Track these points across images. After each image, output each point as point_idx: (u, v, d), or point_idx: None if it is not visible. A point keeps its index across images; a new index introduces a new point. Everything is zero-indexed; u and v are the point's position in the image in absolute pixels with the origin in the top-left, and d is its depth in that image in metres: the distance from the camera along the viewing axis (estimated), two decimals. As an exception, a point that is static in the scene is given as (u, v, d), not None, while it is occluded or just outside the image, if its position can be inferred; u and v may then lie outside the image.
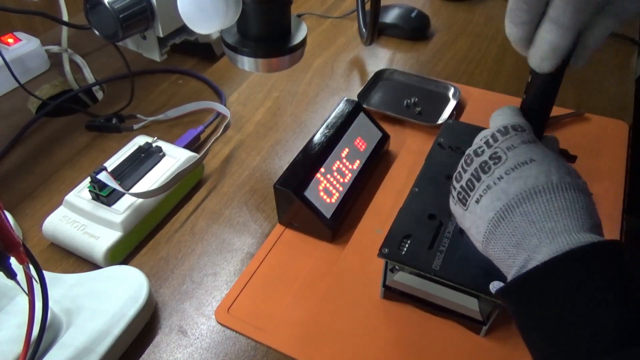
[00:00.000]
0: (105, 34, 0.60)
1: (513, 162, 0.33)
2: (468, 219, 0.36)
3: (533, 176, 0.32)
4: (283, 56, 0.47)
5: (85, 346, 0.40)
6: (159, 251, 0.51)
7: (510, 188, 0.33)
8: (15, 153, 0.64)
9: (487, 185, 0.34)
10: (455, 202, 0.37)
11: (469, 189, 0.35)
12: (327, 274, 0.48)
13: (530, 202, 0.32)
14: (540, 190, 0.32)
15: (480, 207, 0.34)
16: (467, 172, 0.36)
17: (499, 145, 0.35)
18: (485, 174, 0.34)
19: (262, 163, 0.61)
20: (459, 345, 0.43)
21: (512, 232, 0.32)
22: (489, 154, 0.35)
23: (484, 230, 0.34)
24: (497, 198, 0.33)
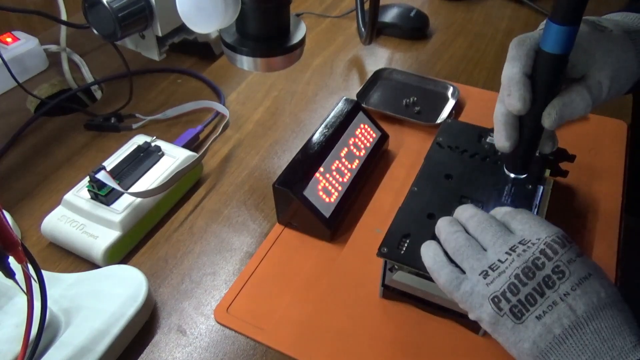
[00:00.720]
0: (104, 33, 0.60)
1: (577, 278, 0.34)
2: (520, 333, 0.34)
3: (596, 292, 0.33)
4: (282, 55, 0.47)
5: (84, 345, 0.40)
6: (158, 250, 0.51)
7: (579, 304, 0.33)
8: (14, 152, 0.64)
9: (552, 301, 0.33)
10: (503, 314, 0.34)
11: (528, 304, 0.34)
12: (326, 273, 0.48)
13: (599, 319, 0.32)
14: (604, 305, 0.33)
15: (542, 323, 0.33)
16: (529, 285, 0.34)
17: (560, 258, 0.34)
18: (550, 289, 0.34)
19: (261, 162, 0.61)
20: (458, 344, 0.43)
21: (581, 349, 0.32)
22: (551, 268, 0.34)
23: (544, 346, 0.33)
24: (565, 315, 0.33)
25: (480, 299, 0.36)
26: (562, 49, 0.35)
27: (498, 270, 0.35)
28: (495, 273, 0.35)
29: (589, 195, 0.54)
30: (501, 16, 0.88)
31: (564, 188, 0.55)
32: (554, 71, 0.36)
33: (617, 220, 0.52)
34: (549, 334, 0.33)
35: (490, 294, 0.35)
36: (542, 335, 0.33)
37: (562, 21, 0.34)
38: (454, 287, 0.37)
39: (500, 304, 0.35)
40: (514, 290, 0.34)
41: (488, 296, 0.35)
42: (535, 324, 0.33)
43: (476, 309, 0.36)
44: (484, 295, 0.35)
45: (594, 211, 0.52)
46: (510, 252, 0.36)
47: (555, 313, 0.33)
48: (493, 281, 0.35)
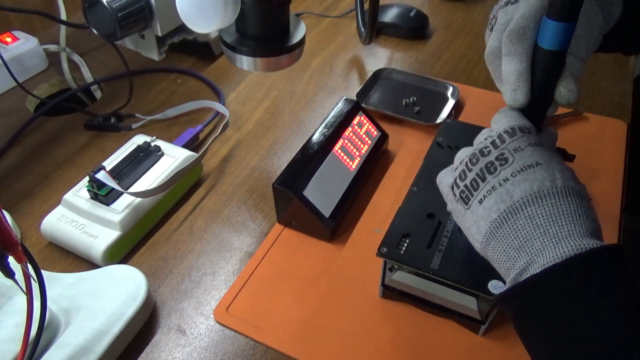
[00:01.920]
0: (104, 33, 0.60)
1: (519, 165, 0.33)
2: (469, 219, 0.35)
3: (539, 180, 0.33)
4: (282, 55, 0.47)
5: (84, 345, 0.40)
6: (158, 250, 0.51)
7: (516, 190, 0.33)
8: (14, 152, 0.64)
9: (492, 186, 0.34)
10: (457, 200, 0.36)
11: (472, 189, 0.35)
12: (326, 273, 0.48)
13: (536, 206, 0.32)
14: (545, 194, 0.32)
15: (483, 207, 0.34)
16: (472, 171, 0.35)
17: (506, 146, 0.34)
18: (491, 174, 0.34)
19: (260, 162, 0.61)
20: (458, 344, 0.43)
21: (514, 234, 0.32)
22: (495, 155, 0.34)
23: (485, 230, 0.34)
24: (502, 200, 0.33)
25: (447, 188, 0.38)
26: (559, 46, 0.34)
27: (462, 160, 0.37)
28: (460, 164, 0.37)
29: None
30: (501, 16, 0.87)
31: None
32: (553, 65, 0.36)
33: (617, 220, 0.52)
34: (488, 217, 0.33)
35: (452, 182, 0.37)
36: (483, 219, 0.34)
37: (558, 18, 0.33)
38: (439, 180, 0.40)
39: (454, 190, 0.37)
40: (462, 176, 0.36)
41: (450, 184, 0.38)
42: (478, 208, 0.34)
43: (447, 200, 0.39)
44: (449, 184, 0.38)
45: (593, 211, 0.52)
46: (474, 148, 0.37)
47: (493, 197, 0.33)
48: (456, 170, 0.37)
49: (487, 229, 0.34)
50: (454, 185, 0.37)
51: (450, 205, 0.38)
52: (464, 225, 0.36)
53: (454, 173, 0.37)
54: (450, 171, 0.39)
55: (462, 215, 0.36)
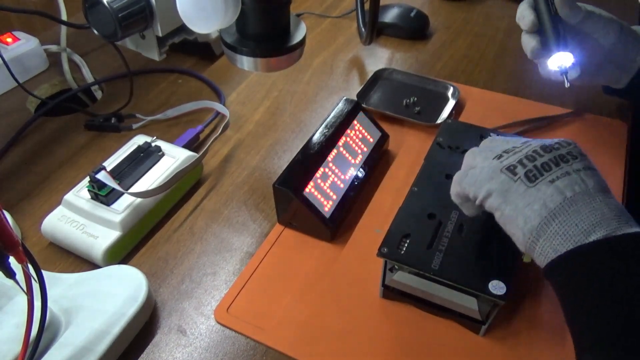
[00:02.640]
0: (104, 33, 0.60)
1: (586, 164, 0.37)
2: (531, 196, 0.36)
3: (600, 180, 0.37)
4: (282, 55, 0.47)
5: (84, 346, 0.40)
6: (158, 251, 0.51)
7: (589, 180, 0.36)
8: (14, 152, 0.64)
9: (566, 171, 0.36)
10: (517, 179, 0.37)
11: (544, 169, 0.37)
12: (326, 273, 0.48)
13: (606, 196, 0.36)
14: (606, 190, 0.36)
15: (555, 186, 0.36)
16: (545, 157, 0.37)
17: (573, 149, 0.38)
18: (565, 163, 0.37)
19: (261, 162, 0.61)
20: (458, 344, 0.43)
21: (590, 212, 0.35)
22: (566, 151, 0.38)
23: (553, 206, 0.35)
24: (576, 183, 0.36)
25: (490, 173, 0.38)
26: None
27: (513, 152, 0.39)
28: (509, 154, 0.39)
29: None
30: (501, 16, 0.88)
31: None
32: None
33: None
34: (560, 195, 0.35)
35: (505, 165, 0.38)
36: (553, 196, 0.35)
37: None
38: (462, 177, 0.41)
39: (516, 170, 0.37)
40: (530, 158, 0.38)
41: (501, 167, 0.38)
42: (547, 187, 0.36)
43: (485, 184, 0.38)
44: (496, 168, 0.38)
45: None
46: (528, 142, 0.40)
47: (567, 179, 0.36)
48: (507, 158, 0.39)
49: (558, 204, 0.35)
50: (516, 165, 0.38)
51: (497, 186, 0.38)
52: (519, 204, 0.37)
53: (507, 159, 0.38)
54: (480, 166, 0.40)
55: (519, 193, 0.37)
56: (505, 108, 0.65)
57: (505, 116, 0.63)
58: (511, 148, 0.39)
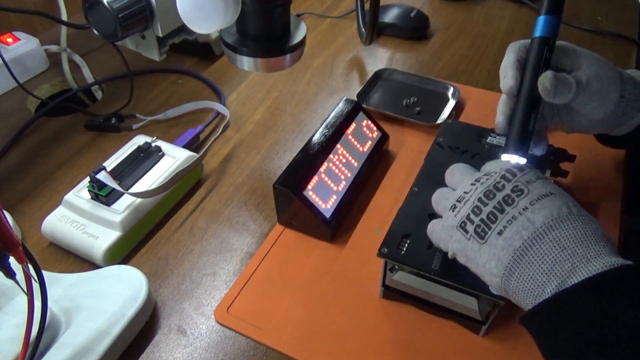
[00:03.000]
0: (104, 33, 0.60)
1: (536, 195, 0.35)
2: (485, 253, 0.35)
3: (557, 207, 0.34)
4: (282, 56, 0.47)
5: (85, 346, 0.40)
6: (158, 251, 0.51)
7: (537, 217, 0.33)
8: (14, 152, 0.64)
9: (512, 216, 0.34)
10: (469, 237, 0.36)
11: (490, 222, 0.35)
12: (327, 273, 0.48)
13: (559, 229, 0.33)
14: (565, 218, 0.33)
15: (503, 238, 0.34)
16: (489, 205, 0.35)
17: (518, 179, 0.36)
18: (509, 205, 0.35)
19: (261, 163, 0.61)
20: (459, 344, 0.43)
21: (541, 259, 0.33)
22: (510, 187, 0.35)
23: (507, 261, 0.34)
24: (524, 227, 0.33)
25: (450, 231, 0.37)
26: (547, 33, 0.43)
27: (464, 200, 0.37)
28: (461, 204, 0.37)
29: (589, 196, 0.54)
30: (501, 16, 0.88)
31: (564, 188, 0.54)
32: (541, 51, 0.43)
33: (618, 221, 0.52)
34: (510, 247, 0.34)
35: (458, 222, 0.37)
36: (504, 249, 0.34)
37: (545, 12, 0.43)
38: (430, 232, 0.40)
39: (467, 227, 0.36)
40: (476, 211, 0.36)
41: (456, 225, 0.37)
42: (497, 240, 0.34)
43: (449, 244, 0.38)
44: (453, 225, 0.37)
45: (594, 211, 0.52)
46: (475, 182, 0.38)
47: (514, 226, 0.34)
48: (460, 210, 0.37)
49: (510, 258, 0.34)
50: (466, 222, 0.36)
51: (457, 245, 0.37)
52: (479, 262, 0.35)
53: (459, 212, 0.37)
54: (442, 219, 0.39)
55: (475, 251, 0.36)
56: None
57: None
58: (462, 195, 0.38)
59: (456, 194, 0.39)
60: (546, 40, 0.43)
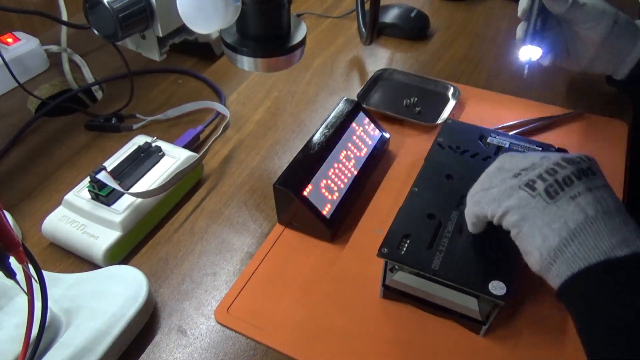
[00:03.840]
0: (105, 33, 0.60)
1: (605, 182, 0.36)
2: (551, 214, 0.35)
3: (616, 199, 0.36)
4: (282, 56, 0.47)
5: (85, 346, 0.40)
6: (159, 251, 0.51)
7: (608, 200, 0.35)
8: (15, 153, 0.64)
9: (587, 188, 0.35)
10: (536, 195, 0.36)
11: (565, 184, 0.35)
12: (327, 273, 0.48)
13: (625, 215, 0.35)
14: (621, 209, 0.35)
15: (576, 203, 0.34)
16: (567, 169, 0.36)
17: (593, 164, 0.37)
18: (587, 177, 0.36)
19: (261, 163, 0.61)
20: (459, 344, 0.43)
21: (612, 232, 0.33)
22: (587, 165, 0.36)
23: (573, 225, 0.34)
24: (598, 202, 0.34)
25: (509, 191, 0.37)
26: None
27: (532, 167, 0.37)
28: (528, 171, 0.37)
29: (589, 196, 0.54)
30: (502, 16, 0.88)
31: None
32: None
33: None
34: (581, 213, 0.34)
35: (523, 182, 0.37)
36: (574, 214, 0.34)
37: None
38: (480, 197, 0.40)
39: (535, 184, 0.36)
40: (551, 172, 0.36)
41: (520, 184, 0.37)
42: (568, 204, 0.35)
43: (503, 202, 0.37)
44: (515, 185, 0.37)
45: (594, 211, 0.52)
46: (545, 157, 0.38)
47: (590, 196, 0.34)
48: (527, 174, 0.37)
49: (578, 224, 0.34)
50: (536, 180, 0.36)
51: (514, 202, 0.37)
52: (537, 222, 0.35)
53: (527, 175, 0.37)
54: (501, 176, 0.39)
55: (539, 210, 0.35)
56: (506, 108, 0.65)
57: (506, 116, 0.63)
58: (530, 165, 0.38)
59: (521, 164, 0.38)
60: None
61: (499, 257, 0.41)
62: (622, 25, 0.56)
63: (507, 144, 0.52)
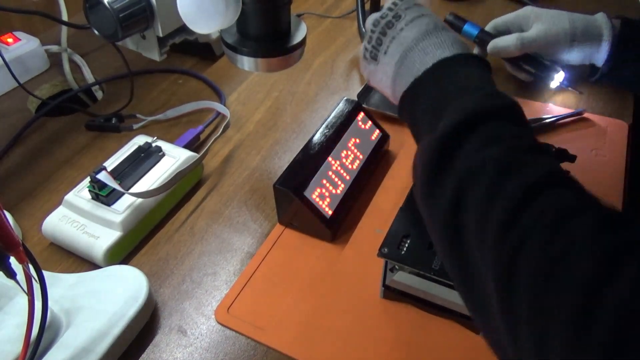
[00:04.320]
0: (105, 33, 0.60)
1: (410, 17, 0.41)
2: (379, 71, 0.42)
3: (425, 23, 0.40)
4: (283, 56, 0.47)
5: (85, 346, 0.40)
6: (159, 251, 0.51)
7: (409, 34, 0.40)
8: (15, 153, 0.64)
9: (392, 37, 0.41)
10: (369, 62, 0.43)
11: (378, 45, 0.42)
12: (327, 273, 0.48)
13: (425, 41, 0.40)
14: (431, 31, 0.40)
15: (388, 55, 0.41)
16: (375, 32, 0.42)
17: (399, 7, 0.42)
18: (390, 29, 0.41)
19: (261, 163, 0.61)
20: (459, 344, 0.43)
21: (411, 66, 0.39)
22: (391, 15, 0.42)
23: (391, 73, 0.40)
24: (400, 44, 0.40)
25: (362, 63, 0.44)
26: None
27: (367, 36, 0.43)
28: (365, 41, 0.43)
29: (589, 196, 0.54)
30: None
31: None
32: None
33: (618, 221, 0.51)
34: (392, 61, 0.40)
35: (362, 53, 0.43)
36: (389, 64, 0.41)
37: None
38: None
39: (366, 55, 0.43)
40: (369, 39, 0.42)
41: (362, 56, 0.43)
42: (384, 58, 0.41)
43: (365, 74, 0.44)
44: (361, 58, 0.44)
45: (594, 211, 0.52)
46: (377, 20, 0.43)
47: (394, 45, 0.41)
48: (364, 44, 0.43)
49: (393, 69, 0.40)
50: (364, 50, 0.43)
51: (366, 73, 0.44)
52: (377, 80, 0.43)
53: (363, 44, 0.43)
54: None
55: (374, 72, 0.43)
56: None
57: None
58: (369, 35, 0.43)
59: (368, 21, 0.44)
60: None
61: (499, 257, 0.41)
62: (580, 40, 0.62)
63: (508, 144, 0.52)
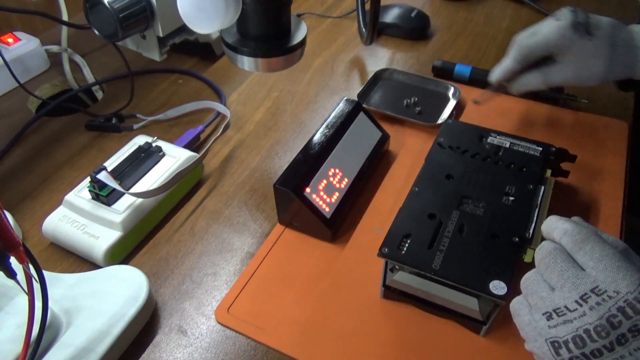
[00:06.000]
0: (105, 33, 0.60)
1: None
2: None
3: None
4: (283, 56, 0.47)
5: (85, 346, 0.40)
6: (159, 251, 0.51)
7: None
8: (15, 153, 0.64)
9: (620, 356, 0.32)
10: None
11: (593, 356, 0.32)
12: (327, 273, 0.48)
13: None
14: None
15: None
16: (597, 343, 0.32)
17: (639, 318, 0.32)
18: (621, 345, 0.32)
19: (261, 163, 0.61)
20: (459, 345, 0.43)
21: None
22: (627, 327, 0.32)
23: None
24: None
25: (536, 335, 0.35)
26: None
27: (564, 317, 0.34)
28: (560, 319, 0.34)
29: (590, 196, 0.54)
30: (502, 16, 0.88)
31: (565, 188, 0.55)
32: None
33: (619, 221, 0.51)
34: None
35: (551, 336, 0.34)
36: None
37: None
38: (515, 311, 0.38)
39: (560, 351, 0.33)
40: (579, 343, 0.33)
41: (547, 337, 0.34)
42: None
43: (530, 342, 0.36)
44: (542, 334, 0.35)
45: (595, 211, 0.52)
46: (582, 302, 0.33)
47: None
48: (556, 326, 0.34)
49: None
50: (562, 345, 0.33)
51: (538, 352, 0.35)
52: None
53: (555, 327, 0.34)
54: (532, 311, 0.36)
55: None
56: (506, 108, 0.65)
57: (506, 116, 0.63)
58: (562, 310, 0.34)
59: (554, 301, 0.34)
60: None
61: (500, 257, 0.41)
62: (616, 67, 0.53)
63: (507, 144, 0.52)
